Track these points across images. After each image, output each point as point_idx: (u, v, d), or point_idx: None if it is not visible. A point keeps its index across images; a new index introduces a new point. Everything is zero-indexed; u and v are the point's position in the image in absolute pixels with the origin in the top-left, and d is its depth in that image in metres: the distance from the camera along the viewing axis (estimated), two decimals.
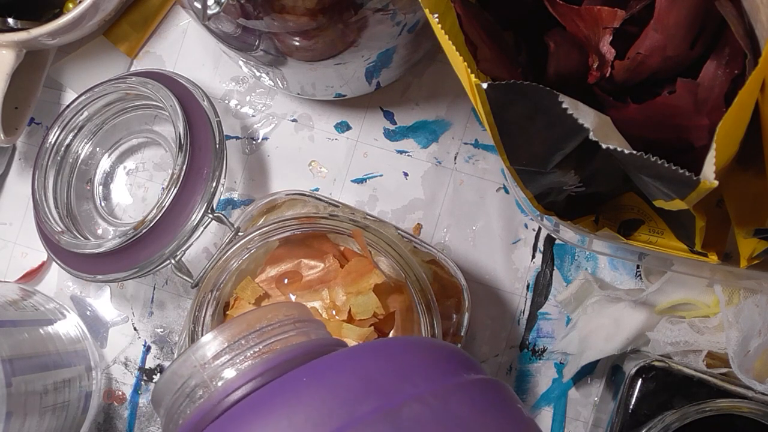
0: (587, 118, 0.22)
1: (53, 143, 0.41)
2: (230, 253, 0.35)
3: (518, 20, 0.30)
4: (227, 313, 0.36)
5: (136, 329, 0.43)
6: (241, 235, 0.36)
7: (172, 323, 0.43)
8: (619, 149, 0.22)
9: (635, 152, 0.22)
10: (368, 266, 0.35)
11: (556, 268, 0.41)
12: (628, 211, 0.32)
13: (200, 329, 0.35)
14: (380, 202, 0.42)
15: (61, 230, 0.39)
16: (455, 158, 0.42)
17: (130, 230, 0.36)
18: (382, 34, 0.34)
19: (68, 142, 0.41)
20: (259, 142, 0.43)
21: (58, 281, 0.44)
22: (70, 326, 0.42)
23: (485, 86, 0.22)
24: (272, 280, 0.36)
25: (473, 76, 0.22)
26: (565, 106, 0.22)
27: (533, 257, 0.41)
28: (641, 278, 0.40)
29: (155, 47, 0.44)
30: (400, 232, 0.36)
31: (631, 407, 0.34)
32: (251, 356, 0.24)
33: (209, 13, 0.28)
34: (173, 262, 0.37)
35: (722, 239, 0.30)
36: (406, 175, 0.42)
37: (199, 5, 0.28)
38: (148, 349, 0.43)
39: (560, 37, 0.27)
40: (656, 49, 0.26)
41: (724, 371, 0.35)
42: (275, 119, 0.43)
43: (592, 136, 0.22)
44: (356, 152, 0.42)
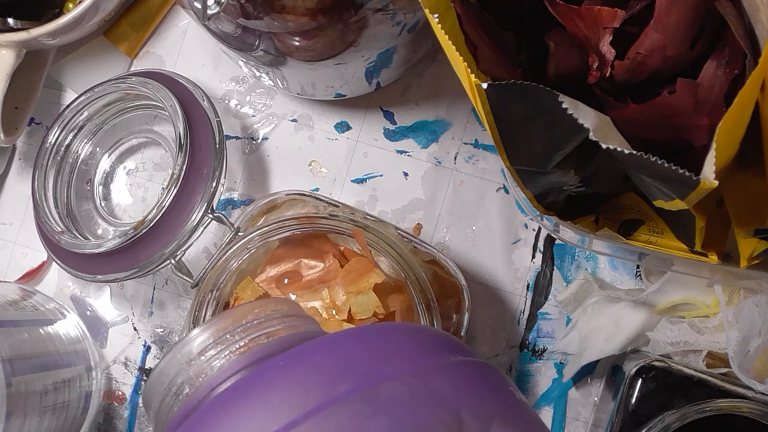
0: (587, 118, 0.22)
1: (53, 143, 0.41)
2: (230, 253, 0.35)
3: (518, 20, 0.30)
4: None
5: (136, 329, 0.43)
6: (241, 235, 0.36)
7: (172, 323, 0.43)
8: (619, 149, 0.22)
9: (635, 152, 0.22)
10: (368, 266, 0.35)
11: (556, 268, 0.41)
12: (628, 211, 0.32)
13: None
14: (380, 202, 0.42)
15: (61, 230, 0.39)
16: (455, 158, 0.42)
17: (130, 230, 0.36)
18: (382, 34, 0.34)
19: (68, 142, 0.41)
20: (259, 142, 0.43)
21: (58, 281, 0.44)
22: (70, 326, 0.42)
23: (485, 86, 0.22)
24: (272, 280, 0.36)
25: (473, 76, 0.22)
26: (565, 106, 0.22)
27: (533, 257, 0.41)
28: (641, 278, 0.40)
29: (155, 47, 0.44)
30: (400, 232, 0.36)
31: (631, 407, 0.34)
32: (237, 350, 0.24)
33: (209, 13, 0.28)
34: (173, 262, 0.37)
35: (722, 239, 0.30)
36: (406, 175, 0.42)
37: (199, 5, 0.28)
38: (148, 349, 0.43)
39: (560, 37, 0.27)
40: (656, 49, 0.26)
41: (724, 371, 0.35)
42: (275, 119, 0.43)
43: (592, 136, 0.22)
44: (356, 152, 0.42)
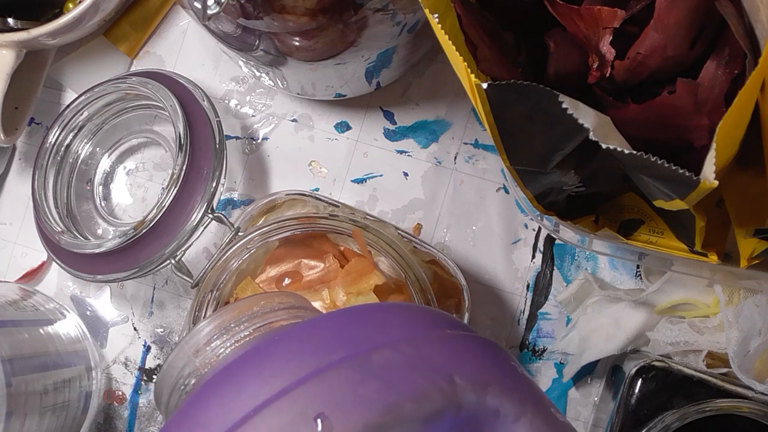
0: (587, 118, 0.22)
1: (53, 143, 0.41)
2: (230, 253, 0.35)
3: (518, 20, 0.30)
4: None
5: (136, 329, 0.43)
6: (241, 235, 0.36)
7: (172, 323, 0.43)
8: (619, 149, 0.22)
9: (635, 152, 0.22)
10: (368, 267, 0.35)
11: (556, 268, 0.41)
12: (628, 211, 0.32)
13: None
14: (380, 202, 0.42)
15: (61, 230, 0.39)
16: (455, 158, 0.42)
17: (130, 230, 0.36)
18: (382, 34, 0.34)
19: (68, 142, 0.41)
20: (259, 142, 0.43)
21: (58, 281, 0.44)
22: (70, 326, 0.42)
23: (485, 86, 0.22)
24: (272, 280, 0.36)
25: (473, 76, 0.22)
26: (565, 106, 0.22)
27: (533, 257, 0.41)
28: (641, 278, 0.40)
29: (155, 47, 0.44)
30: (400, 232, 0.36)
31: (631, 407, 0.34)
32: (242, 339, 0.24)
33: (209, 13, 0.28)
34: (173, 262, 0.37)
35: (722, 239, 0.30)
36: (406, 175, 0.42)
37: (199, 5, 0.28)
38: (148, 349, 0.43)
39: (560, 37, 0.27)
40: (656, 49, 0.26)
41: (724, 371, 0.35)
42: (275, 119, 0.43)
43: (592, 136, 0.22)
44: (356, 152, 0.42)
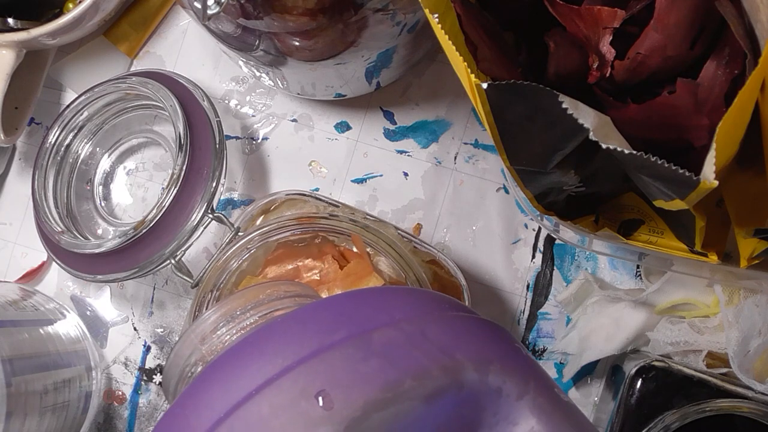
0: (587, 118, 0.22)
1: (53, 143, 0.41)
2: (230, 253, 0.35)
3: (518, 20, 0.30)
4: None
5: (136, 329, 0.43)
6: (241, 235, 0.36)
7: (172, 323, 0.43)
8: (619, 149, 0.22)
9: (635, 152, 0.22)
10: (367, 269, 0.35)
11: (556, 268, 0.41)
12: (628, 211, 0.32)
13: None
14: (380, 202, 0.42)
15: (61, 230, 0.39)
16: (455, 158, 0.42)
17: (130, 230, 0.36)
18: (382, 34, 0.34)
19: (68, 142, 0.41)
20: (259, 142, 0.43)
21: (58, 281, 0.44)
22: (70, 326, 0.42)
23: (485, 86, 0.22)
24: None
25: (473, 76, 0.22)
26: (565, 106, 0.22)
27: (533, 257, 0.41)
28: (641, 278, 0.40)
29: (155, 47, 0.44)
30: (400, 232, 0.36)
31: (631, 407, 0.34)
32: (248, 327, 0.24)
33: (209, 13, 0.28)
34: (173, 262, 0.37)
35: (722, 239, 0.30)
36: (406, 175, 0.42)
37: (199, 5, 0.28)
38: (148, 349, 0.43)
39: (560, 37, 0.27)
40: (656, 49, 0.26)
41: (724, 371, 0.35)
42: (275, 119, 0.43)
43: (592, 136, 0.22)
44: (356, 152, 0.42)
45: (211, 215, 0.37)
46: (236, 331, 0.24)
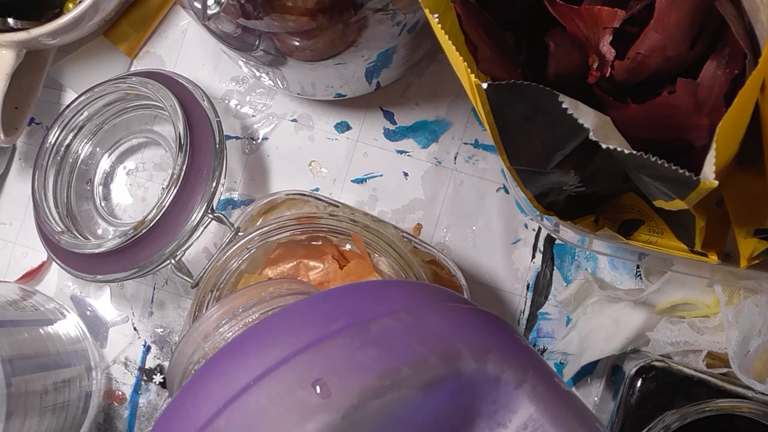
0: (587, 118, 0.22)
1: (53, 143, 0.41)
2: (230, 253, 0.35)
3: (518, 20, 0.30)
4: None
5: (136, 329, 0.43)
6: (241, 235, 0.36)
7: (172, 323, 0.43)
8: (619, 149, 0.22)
9: (635, 152, 0.22)
10: (367, 269, 0.35)
11: (556, 268, 0.41)
12: (628, 211, 0.32)
13: None
14: (380, 202, 0.42)
15: (61, 230, 0.39)
16: (455, 158, 0.42)
17: (130, 230, 0.36)
18: (382, 34, 0.34)
19: (68, 142, 0.41)
20: (259, 142, 0.43)
21: (58, 281, 0.44)
22: (70, 326, 0.42)
23: (485, 86, 0.22)
24: None
25: (473, 76, 0.22)
26: (565, 106, 0.22)
27: (533, 257, 0.41)
28: (641, 278, 0.40)
29: (155, 47, 0.44)
30: (400, 232, 0.36)
31: (631, 407, 0.34)
32: (250, 323, 0.24)
33: (209, 13, 0.28)
34: (173, 262, 0.37)
35: (722, 239, 0.30)
36: (406, 175, 0.42)
37: (199, 5, 0.28)
38: (148, 349, 0.43)
39: (560, 37, 0.27)
40: (656, 49, 0.26)
41: (724, 371, 0.35)
42: (275, 119, 0.43)
43: (592, 136, 0.22)
44: (356, 152, 0.42)
45: (211, 215, 0.37)
46: (238, 328, 0.24)
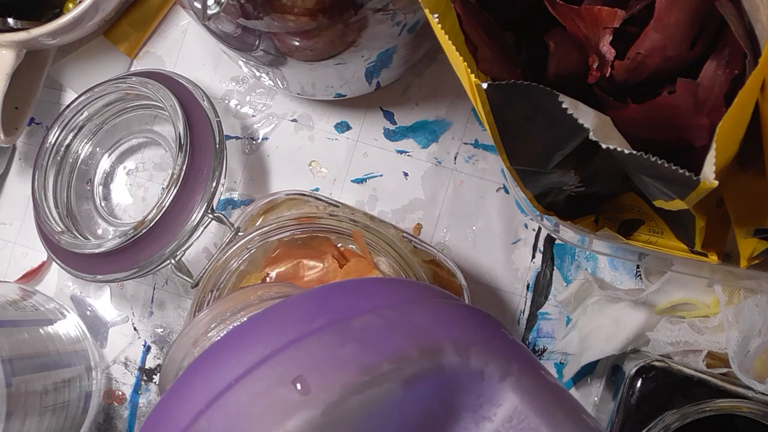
0: (587, 118, 0.22)
1: (53, 143, 0.41)
2: (230, 253, 0.35)
3: (518, 20, 0.30)
4: None
5: (136, 329, 0.43)
6: (241, 235, 0.36)
7: (172, 323, 0.43)
8: (619, 149, 0.22)
9: (635, 152, 0.22)
10: (368, 267, 0.35)
11: (556, 268, 0.41)
12: (628, 211, 0.32)
13: None
14: (380, 202, 0.42)
15: (61, 230, 0.39)
16: (455, 158, 0.42)
17: (130, 230, 0.36)
18: (382, 34, 0.34)
19: (68, 142, 0.41)
20: (259, 142, 0.43)
21: (58, 281, 0.44)
22: (70, 326, 0.42)
23: (485, 86, 0.22)
24: (272, 280, 0.36)
25: (473, 76, 0.22)
26: (565, 106, 0.22)
27: (533, 257, 0.41)
28: (641, 278, 0.40)
29: (155, 47, 0.44)
30: (400, 232, 0.36)
31: (631, 407, 0.34)
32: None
33: (209, 13, 0.28)
34: (173, 262, 0.37)
35: (722, 239, 0.30)
36: (406, 175, 0.42)
37: (199, 5, 0.28)
38: (148, 349, 0.43)
39: (560, 37, 0.27)
40: (656, 49, 0.26)
41: (724, 371, 0.35)
42: (275, 119, 0.43)
43: (592, 136, 0.22)
44: (356, 152, 0.42)
45: (211, 215, 0.37)
46: (226, 332, 0.24)
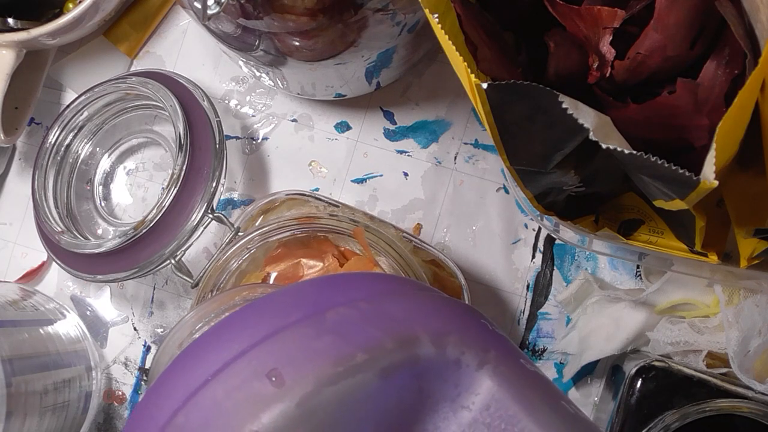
0: (587, 118, 0.22)
1: (53, 143, 0.41)
2: (230, 253, 0.35)
3: (518, 20, 0.30)
4: None
5: (136, 329, 0.43)
6: (241, 235, 0.36)
7: (172, 323, 0.43)
8: (619, 149, 0.22)
9: (635, 152, 0.22)
10: (368, 265, 0.35)
11: (556, 268, 0.41)
12: (628, 211, 0.32)
13: None
14: (380, 202, 0.42)
15: (61, 230, 0.39)
16: (455, 158, 0.42)
17: (130, 230, 0.36)
18: (382, 34, 0.34)
19: (68, 142, 0.41)
20: (259, 142, 0.43)
21: (58, 281, 0.44)
22: (70, 326, 0.42)
23: (485, 86, 0.22)
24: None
25: (473, 76, 0.22)
26: (565, 106, 0.22)
27: (533, 257, 0.41)
28: (641, 278, 0.40)
29: (155, 47, 0.44)
30: (400, 232, 0.36)
31: (631, 407, 0.34)
32: None
33: (209, 13, 0.28)
34: (173, 262, 0.37)
35: (722, 239, 0.30)
36: (406, 175, 0.42)
37: (199, 5, 0.28)
38: (148, 349, 0.43)
39: (560, 37, 0.27)
40: (656, 49, 0.26)
41: (724, 371, 0.35)
42: (275, 119, 0.43)
43: (592, 136, 0.22)
44: (356, 152, 0.42)
45: (211, 215, 0.37)
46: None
